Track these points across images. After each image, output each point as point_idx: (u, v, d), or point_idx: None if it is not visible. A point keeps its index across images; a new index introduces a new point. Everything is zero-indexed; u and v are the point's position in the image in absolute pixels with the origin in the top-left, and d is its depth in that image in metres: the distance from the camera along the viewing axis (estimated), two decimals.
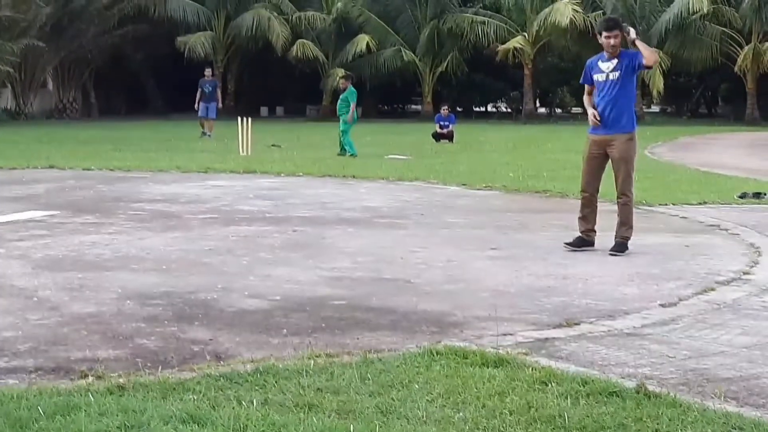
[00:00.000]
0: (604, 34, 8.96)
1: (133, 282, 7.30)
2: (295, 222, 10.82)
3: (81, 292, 6.91)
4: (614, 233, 8.95)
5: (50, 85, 48.68)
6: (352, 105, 22.00)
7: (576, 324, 6.13)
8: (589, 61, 9.33)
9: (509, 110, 59.52)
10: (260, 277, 7.60)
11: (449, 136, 27.65)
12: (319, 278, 7.58)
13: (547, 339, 5.73)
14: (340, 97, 22.55)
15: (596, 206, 9.15)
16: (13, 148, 23.19)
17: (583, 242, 9.03)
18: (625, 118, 8.96)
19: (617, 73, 8.92)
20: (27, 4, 40.10)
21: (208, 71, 29.63)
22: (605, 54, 9.01)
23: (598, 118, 8.95)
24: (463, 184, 15.16)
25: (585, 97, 9.44)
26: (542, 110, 60.28)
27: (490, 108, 62.69)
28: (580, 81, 9.43)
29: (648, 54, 8.84)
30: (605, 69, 9.02)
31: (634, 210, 9.15)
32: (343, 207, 12.33)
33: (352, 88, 22.35)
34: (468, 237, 9.86)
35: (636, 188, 9.45)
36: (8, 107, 44.20)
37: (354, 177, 16.42)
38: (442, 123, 28.29)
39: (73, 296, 6.79)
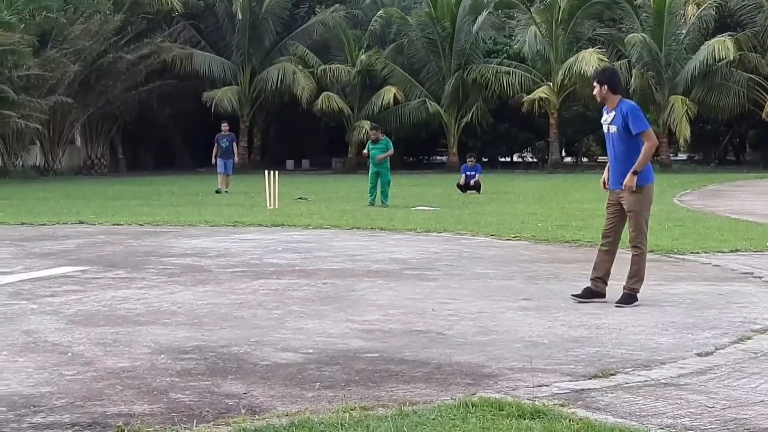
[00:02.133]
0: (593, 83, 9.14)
1: (166, 336, 7.31)
2: (324, 274, 10.83)
3: (114, 347, 6.92)
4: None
5: (78, 141, 49.14)
6: (390, 152, 23.09)
7: (612, 374, 6.08)
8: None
9: (535, 160, 59.46)
10: (292, 330, 7.59)
11: (476, 187, 27.65)
12: (351, 331, 7.56)
13: (583, 390, 5.68)
14: (377, 147, 22.99)
15: (612, 257, 9.03)
16: (42, 204, 23.37)
17: (591, 293, 8.90)
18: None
19: (615, 127, 8.86)
20: (55, 62, 40.58)
21: (225, 126, 29.35)
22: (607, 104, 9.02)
23: (606, 185, 9.02)
24: (492, 235, 15.14)
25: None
26: (568, 159, 60.26)
27: (516, 158, 62.70)
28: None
29: (647, 150, 8.78)
30: (604, 120, 9.03)
31: (646, 262, 8.95)
32: (372, 259, 12.33)
33: (386, 137, 23.62)
34: (499, 288, 9.83)
35: (667, 237, 9.42)
36: (37, 164, 44.62)
37: (382, 229, 16.44)
38: (468, 173, 28.30)
39: (107, 351, 6.80)
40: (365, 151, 23.51)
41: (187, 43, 49.24)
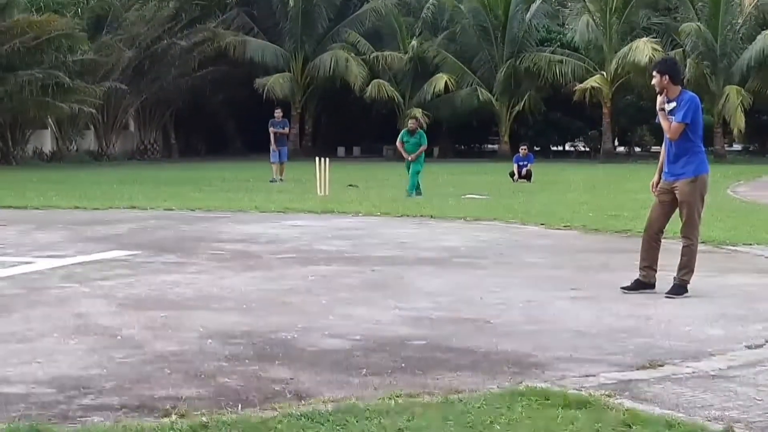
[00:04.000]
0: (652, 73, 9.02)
1: (215, 321, 7.36)
2: (373, 262, 10.84)
3: (164, 331, 6.99)
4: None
5: (132, 127, 49.60)
6: (423, 147, 22.23)
7: (660, 365, 6.03)
8: (662, 98, 9.17)
9: (587, 149, 59.14)
10: (340, 316, 7.60)
11: (527, 176, 27.56)
12: (399, 318, 7.56)
13: (630, 380, 5.64)
14: (411, 139, 22.26)
15: (658, 246, 8.94)
16: (96, 189, 23.60)
17: (640, 284, 8.81)
18: (686, 162, 8.70)
19: (674, 118, 8.75)
20: (110, 47, 40.95)
21: (278, 112, 28.87)
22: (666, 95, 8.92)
23: (655, 187, 8.94)
24: (542, 224, 15.06)
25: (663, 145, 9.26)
26: (621, 149, 59.82)
27: (567, 147, 62.38)
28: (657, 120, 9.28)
29: (665, 126, 8.73)
30: (667, 108, 8.92)
31: (697, 254, 8.84)
32: (421, 247, 12.31)
33: (421, 131, 22.76)
34: (548, 277, 9.78)
35: (719, 228, 9.30)
36: (91, 148, 45.09)
37: (432, 217, 16.42)
38: (520, 163, 28.20)
39: (156, 335, 6.86)
40: (399, 142, 22.58)
41: (241, 30, 49.50)
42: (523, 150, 28.73)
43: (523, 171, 27.80)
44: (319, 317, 7.56)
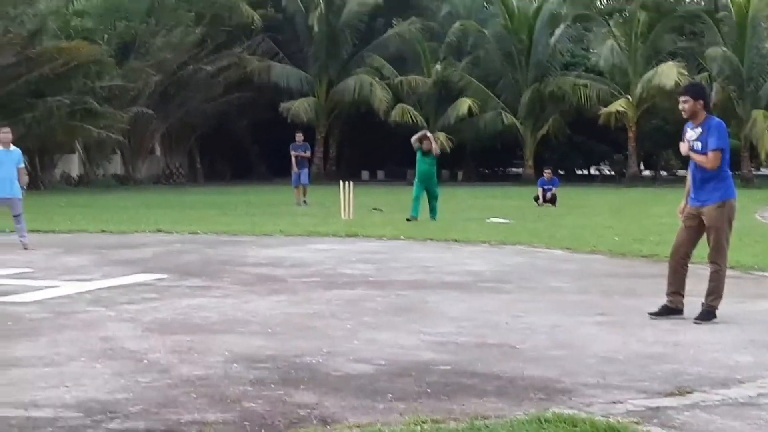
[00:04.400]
0: (679, 97, 8.86)
1: (240, 345, 7.36)
2: (397, 286, 10.82)
3: (189, 355, 6.99)
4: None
5: (158, 151, 49.87)
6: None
7: (688, 392, 5.98)
8: (685, 126, 9.05)
9: (612, 173, 58.95)
10: (365, 341, 7.59)
11: (552, 200, 27.50)
12: (423, 343, 7.54)
13: (658, 408, 5.60)
14: (424, 160, 21.51)
15: (685, 271, 8.87)
16: (122, 212, 23.72)
17: (669, 310, 8.74)
18: (713, 188, 8.62)
19: (701, 143, 8.64)
20: (137, 73, 41.23)
21: (299, 135, 28.68)
22: (692, 121, 8.83)
23: (682, 212, 8.86)
24: (567, 248, 15.01)
25: (689, 169, 9.19)
26: (647, 173, 59.58)
27: (592, 171, 62.20)
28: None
29: (701, 160, 8.65)
30: (690, 137, 8.78)
31: (725, 279, 8.74)
32: (446, 271, 12.30)
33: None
34: (573, 302, 9.74)
35: (747, 253, 9.24)
36: (118, 173, 45.35)
37: (456, 241, 16.39)
38: (545, 187, 28.16)
39: (182, 359, 6.87)
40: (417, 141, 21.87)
41: (266, 55, 49.75)
42: (547, 174, 28.68)
43: (548, 195, 27.74)
44: (344, 342, 7.55)
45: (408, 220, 20.74)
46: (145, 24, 42.68)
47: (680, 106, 8.83)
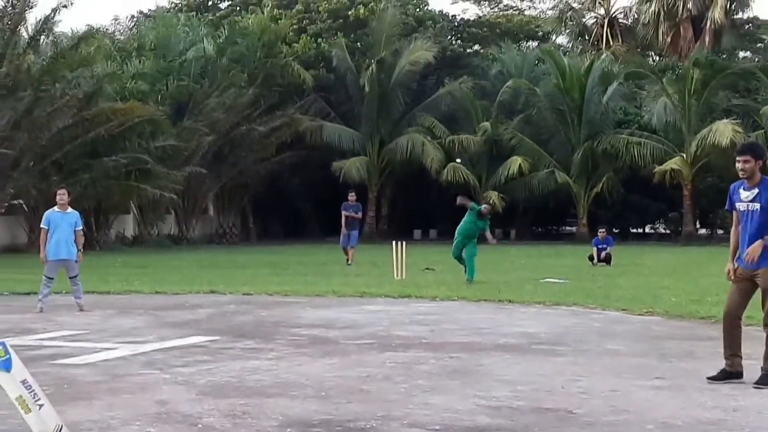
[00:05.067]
0: (736, 157, 8.65)
1: (294, 409, 7.33)
2: (451, 348, 10.75)
3: (243, 419, 6.97)
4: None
5: (211, 211, 50.26)
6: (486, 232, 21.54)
7: None
8: (732, 186, 8.84)
9: (668, 232, 58.43)
10: (419, 405, 7.53)
11: (607, 259, 27.28)
12: (478, 407, 7.46)
13: None
14: (477, 222, 21.06)
15: (740, 331, 8.68)
16: (176, 273, 23.87)
17: (727, 374, 8.55)
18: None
19: (757, 205, 8.49)
20: (191, 133, 41.73)
21: (351, 195, 28.43)
22: (746, 180, 8.70)
23: (732, 276, 8.69)
24: (623, 309, 14.85)
25: (732, 230, 9.04)
26: (702, 231, 58.97)
27: (647, 229, 61.70)
28: (726, 207, 9.00)
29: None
30: (744, 198, 8.61)
31: None
32: (500, 332, 12.21)
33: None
34: (630, 365, 9.60)
35: None
36: (171, 232, 45.73)
37: (510, 301, 16.29)
38: (599, 246, 27.96)
39: (236, 423, 6.85)
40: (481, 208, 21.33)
41: (318, 115, 50.16)
42: (601, 233, 28.50)
43: (603, 254, 27.53)
44: (398, 406, 7.49)
45: (469, 281, 20.24)
46: (198, 85, 43.26)
47: (739, 166, 8.61)
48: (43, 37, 38.07)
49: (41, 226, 15.57)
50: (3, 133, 33.56)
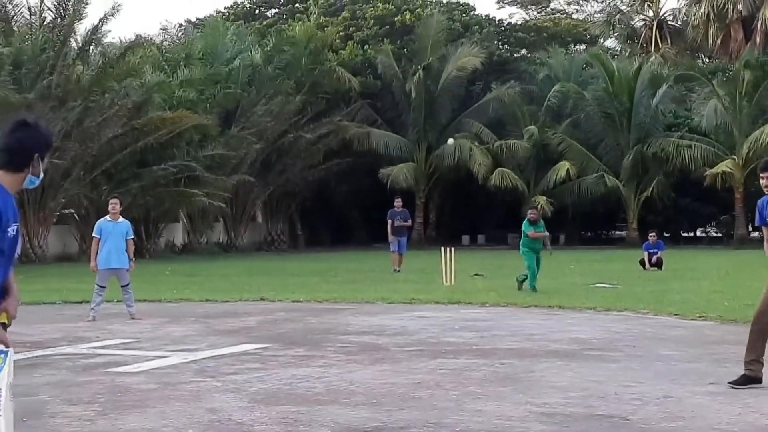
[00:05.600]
0: (759, 173, 8.48)
1: (345, 416, 7.32)
2: (502, 354, 10.70)
3: (295, 427, 6.97)
4: None
5: (259, 218, 50.49)
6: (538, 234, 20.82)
7: None
8: (759, 202, 8.73)
9: (720, 235, 57.81)
10: (470, 412, 7.49)
11: (658, 264, 27.03)
12: (531, 414, 7.41)
13: None
14: (535, 228, 20.57)
15: (766, 336, 8.57)
16: (225, 281, 23.99)
17: (748, 380, 8.42)
18: None
19: None
20: (239, 141, 41.95)
21: (398, 201, 28.15)
22: None
23: None
24: (675, 314, 14.71)
25: (765, 244, 8.91)
26: (755, 234, 58.28)
27: (699, 233, 61.10)
28: (756, 222, 8.87)
29: None
30: None
31: None
32: (551, 338, 12.13)
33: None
34: (684, 370, 9.50)
35: None
36: (220, 240, 46.00)
37: (560, 307, 16.19)
38: (650, 250, 27.71)
39: (288, 430, 6.86)
40: (532, 233, 20.51)
41: (365, 122, 50.24)
42: (652, 237, 28.26)
43: (654, 259, 27.28)
44: (450, 413, 7.46)
45: (534, 290, 19.37)
46: (246, 93, 43.50)
47: (763, 183, 8.49)
48: (91, 47, 38.52)
49: (93, 235, 15.68)
50: (54, 143, 33.89)
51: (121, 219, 15.62)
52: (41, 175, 4.60)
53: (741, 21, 58.55)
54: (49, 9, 36.99)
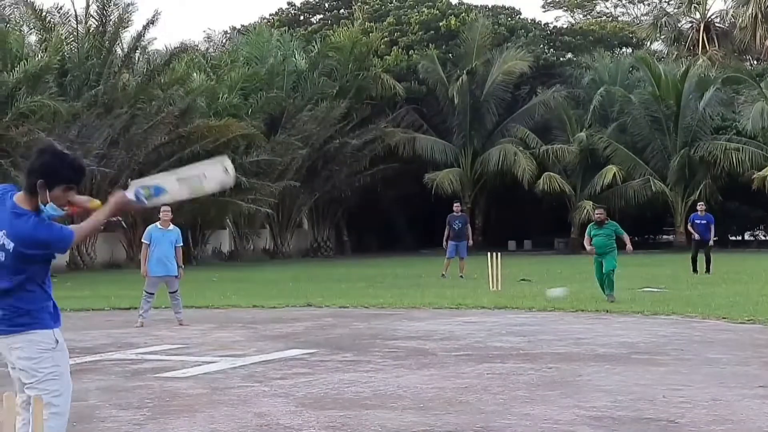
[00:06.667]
0: None
1: (393, 421, 7.35)
2: (549, 358, 10.68)
3: (343, 431, 7.01)
4: None
5: (306, 225, 50.63)
6: (626, 236, 19.68)
7: None
8: None
9: None
10: (518, 416, 7.49)
11: (707, 261, 26.49)
12: (579, 417, 7.40)
13: None
14: (601, 231, 18.82)
15: None
16: (272, 286, 24.10)
17: None
18: None
19: None
20: (285, 147, 42.08)
21: (457, 206, 28.00)
22: None
23: None
24: (724, 318, 14.59)
25: None
26: None
27: (747, 236, 60.51)
28: None
29: None
30: None
31: None
32: (598, 342, 12.08)
33: (611, 221, 19.92)
34: (733, 374, 9.43)
35: None
36: (267, 247, 46.19)
37: (607, 311, 16.11)
38: (698, 221, 27.21)
39: None
40: (586, 237, 19.03)
41: (410, 127, 50.20)
42: (701, 207, 27.98)
43: (707, 237, 26.72)
44: (498, 417, 7.46)
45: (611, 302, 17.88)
46: (291, 99, 43.67)
47: None
48: (137, 54, 38.87)
49: (143, 240, 15.80)
50: (101, 150, 34.27)
51: (171, 226, 15.68)
52: (49, 203, 4.96)
53: None
54: (92, 17, 37.34)
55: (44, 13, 37.91)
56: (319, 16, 60.96)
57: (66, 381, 5.21)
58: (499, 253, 22.09)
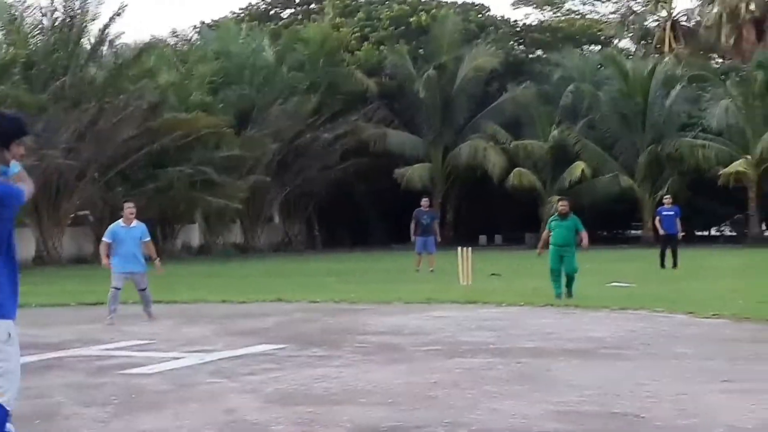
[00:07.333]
0: None
1: (362, 416, 7.36)
2: (518, 353, 10.72)
3: (311, 427, 7.02)
4: None
5: (276, 219, 50.54)
6: (584, 233, 19.05)
7: None
8: None
9: (734, 234, 57.66)
10: (487, 411, 7.52)
11: (674, 256, 26.67)
12: (546, 412, 7.44)
13: None
14: (561, 225, 18.72)
15: None
16: (242, 281, 24.05)
17: None
18: None
19: None
20: (255, 142, 41.97)
21: (425, 201, 27.91)
22: None
23: None
24: (690, 313, 14.68)
25: None
26: None
27: (714, 232, 60.94)
28: None
29: None
30: None
31: None
32: (567, 337, 12.14)
33: (574, 215, 19.24)
34: (698, 368, 9.51)
35: None
36: (237, 241, 46.08)
37: (576, 306, 16.19)
38: (665, 213, 27.37)
39: (304, 431, 6.91)
40: (547, 231, 18.97)
41: (382, 123, 50.24)
42: (667, 200, 28.14)
43: (672, 229, 26.86)
44: (466, 412, 7.49)
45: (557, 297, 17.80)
46: (261, 94, 43.56)
47: None
48: (104, 48, 38.57)
49: (103, 239, 15.63)
50: (68, 144, 34.03)
51: (135, 223, 15.45)
52: (12, 161, 4.91)
53: (753, 21, 58.36)
54: (56, 9, 36.87)
55: (9, 5, 37.42)
56: (289, 11, 60.81)
57: (13, 378, 4.85)
58: (469, 248, 22.13)
